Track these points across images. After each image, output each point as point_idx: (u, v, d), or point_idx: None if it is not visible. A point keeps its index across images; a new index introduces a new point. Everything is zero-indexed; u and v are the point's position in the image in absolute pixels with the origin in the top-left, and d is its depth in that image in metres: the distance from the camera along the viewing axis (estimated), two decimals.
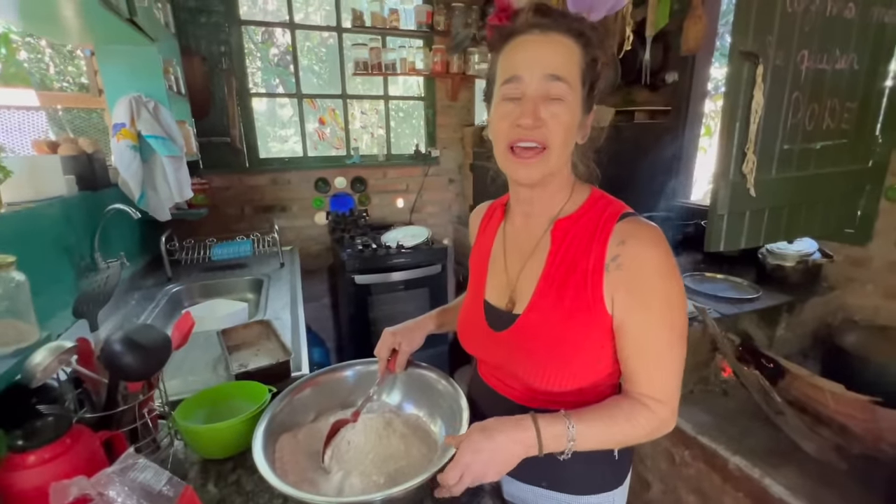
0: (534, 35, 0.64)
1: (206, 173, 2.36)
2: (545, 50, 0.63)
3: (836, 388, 1.17)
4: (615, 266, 0.64)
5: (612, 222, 0.66)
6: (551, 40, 0.63)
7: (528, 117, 0.62)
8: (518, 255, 0.76)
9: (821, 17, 1.18)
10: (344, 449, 0.75)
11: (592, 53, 0.65)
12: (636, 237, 0.64)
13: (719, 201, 1.18)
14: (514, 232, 0.79)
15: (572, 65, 0.63)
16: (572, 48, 0.63)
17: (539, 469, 0.74)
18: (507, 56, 0.66)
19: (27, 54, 2.97)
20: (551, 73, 0.62)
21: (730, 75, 1.12)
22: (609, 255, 0.64)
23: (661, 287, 0.63)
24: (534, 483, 0.78)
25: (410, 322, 0.91)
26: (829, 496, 1.00)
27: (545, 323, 0.68)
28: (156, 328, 0.78)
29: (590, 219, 0.69)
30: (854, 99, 1.33)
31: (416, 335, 0.88)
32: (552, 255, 0.70)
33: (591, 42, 0.65)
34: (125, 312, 1.48)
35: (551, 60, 0.62)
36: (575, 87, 0.63)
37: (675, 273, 0.64)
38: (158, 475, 0.58)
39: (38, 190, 1.17)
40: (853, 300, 1.57)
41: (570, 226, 0.70)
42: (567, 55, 0.63)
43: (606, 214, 0.67)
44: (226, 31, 2.35)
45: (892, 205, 1.46)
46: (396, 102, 3.44)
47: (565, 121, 0.63)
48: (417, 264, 2.47)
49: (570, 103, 0.63)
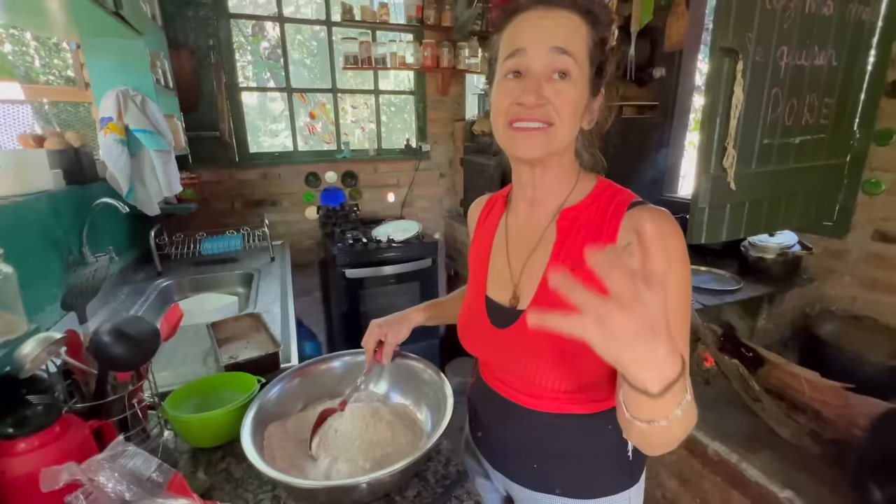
0: (539, 10, 0.61)
1: (196, 168, 2.35)
2: (551, 23, 0.60)
3: (811, 375, 1.21)
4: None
5: (621, 211, 0.63)
6: (558, 15, 0.60)
7: (530, 94, 0.59)
8: (522, 247, 0.72)
9: (800, 15, 1.21)
10: (331, 436, 0.77)
11: (601, 33, 0.62)
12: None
13: (700, 195, 1.20)
14: (517, 223, 0.75)
15: (580, 41, 0.60)
16: (580, 24, 0.60)
17: (552, 476, 0.73)
18: (510, 31, 0.63)
19: (11, 46, 2.92)
20: (557, 45, 0.59)
21: (710, 71, 1.14)
22: (621, 245, 0.61)
23: (677, 275, 0.58)
24: (547, 491, 0.74)
25: (397, 314, 0.91)
26: (803, 479, 1.04)
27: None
28: (144, 319, 0.79)
29: (598, 208, 0.65)
30: (832, 94, 1.37)
31: (403, 327, 0.89)
32: (558, 246, 0.67)
33: (599, 20, 0.61)
34: (115, 306, 1.48)
35: (557, 33, 0.59)
36: (582, 63, 0.60)
37: (688, 260, 0.61)
38: (148, 462, 0.59)
39: (24, 184, 1.16)
40: (831, 291, 1.62)
41: (576, 215, 0.66)
42: (574, 30, 0.60)
43: (615, 203, 0.64)
44: (214, 24, 2.34)
45: (870, 198, 1.50)
46: (387, 97, 3.43)
47: (571, 97, 0.60)
48: (408, 258, 2.48)
49: (576, 80, 0.60)
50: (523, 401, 0.72)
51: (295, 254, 2.59)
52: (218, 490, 0.73)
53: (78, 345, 0.76)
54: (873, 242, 1.50)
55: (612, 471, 0.73)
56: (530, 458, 0.75)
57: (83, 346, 0.77)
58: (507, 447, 0.78)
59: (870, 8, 1.35)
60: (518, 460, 0.77)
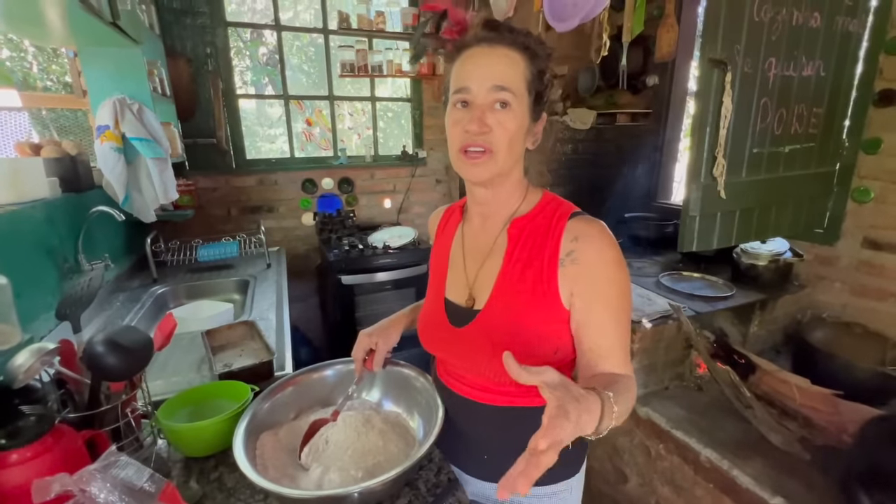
0: (482, 48, 0.69)
1: (192, 175, 2.36)
2: (491, 62, 0.68)
3: (801, 382, 1.22)
4: (570, 261, 0.69)
5: (563, 220, 0.71)
6: (497, 53, 0.68)
7: (474, 123, 0.67)
8: (476, 254, 0.80)
9: (787, 27, 1.23)
10: (322, 446, 0.78)
11: (539, 66, 0.70)
12: (588, 234, 0.69)
13: (691, 203, 1.22)
14: (472, 233, 0.83)
15: (517, 75, 0.68)
16: (518, 60, 0.68)
17: (501, 466, 0.75)
18: (458, 67, 0.71)
19: (9, 52, 2.93)
20: (496, 83, 0.67)
21: (700, 82, 1.16)
22: (563, 251, 0.69)
23: (617, 277, 0.68)
24: (496, 480, 0.76)
25: (385, 321, 0.94)
26: (793, 485, 1.05)
27: (505, 316, 0.72)
28: (138, 329, 0.80)
29: (543, 218, 0.74)
30: (821, 104, 1.39)
31: (392, 333, 0.91)
32: (509, 252, 0.75)
33: (537, 55, 0.70)
34: (110, 314, 1.49)
35: (496, 71, 0.67)
36: (520, 95, 0.68)
37: (624, 263, 0.70)
38: (140, 472, 0.60)
39: (20, 192, 1.17)
40: (822, 297, 1.63)
41: (525, 224, 0.75)
42: (512, 66, 0.68)
43: (558, 213, 0.73)
44: (212, 32, 2.35)
45: (859, 206, 1.52)
46: (384, 104, 3.45)
47: (510, 127, 0.68)
48: (404, 264, 2.49)
49: (515, 110, 0.68)
50: (476, 396, 0.79)
51: (291, 260, 2.60)
52: (210, 499, 0.74)
53: (72, 354, 0.77)
54: (863, 250, 1.52)
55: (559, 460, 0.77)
56: (481, 450, 0.83)
57: (77, 355, 0.77)
58: (459, 440, 0.84)
59: (856, 20, 1.37)
60: (469, 453, 0.84)
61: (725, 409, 1.32)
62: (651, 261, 1.98)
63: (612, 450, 1.50)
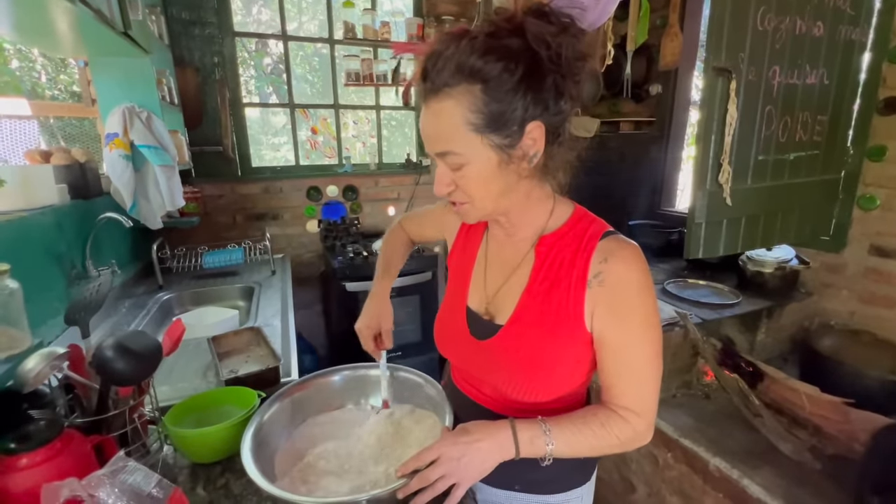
0: (428, 101, 0.61)
1: (199, 182, 2.37)
2: (427, 123, 0.62)
3: (811, 390, 1.21)
4: (597, 282, 0.65)
5: (594, 240, 0.67)
6: (431, 110, 0.61)
7: (440, 186, 0.65)
8: (501, 266, 0.77)
9: (791, 35, 1.24)
10: (333, 451, 0.77)
11: (506, 84, 0.56)
12: (618, 256, 0.65)
13: (697, 210, 1.22)
14: (497, 244, 0.79)
15: (452, 128, 0.59)
16: (450, 107, 0.58)
17: (513, 473, 0.75)
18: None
19: (18, 62, 2.97)
20: (437, 151, 0.62)
21: (705, 90, 1.17)
22: (592, 272, 0.66)
23: (640, 304, 0.65)
24: (507, 487, 0.80)
25: (369, 304, 0.93)
26: (804, 495, 1.03)
27: (527, 336, 0.70)
28: (147, 334, 0.80)
29: (574, 236, 0.70)
30: (825, 112, 1.39)
31: (384, 309, 0.92)
32: (535, 270, 0.71)
33: (489, 76, 0.56)
34: (116, 320, 1.49)
35: (431, 135, 0.62)
36: (471, 145, 0.59)
37: (653, 291, 0.67)
38: (148, 477, 0.59)
39: (30, 199, 1.18)
40: (829, 305, 1.62)
41: (554, 242, 0.71)
42: (445, 119, 0.59)
43: (590, 232, 0.68)
44: (219, 42, 2.38)
45: (865, 213, 1.52)
46: (388, 112, 3.47)
47: (473, 179, 0.62)
48: (408, 272, 2.49)
49: (472, 163, 0.61)
50: (491, 404, 0.78)
51: (296, 267, 2.60)
52: None
53: (80, 359, 0.77)
54: (870, 257, 1.51)
55: (567, 469, 0.78)
56: None
57: (85, 360, 0.77)
58: None
59: (859, 29, 1.38)
60: None
61: (734, 417, 1.30)
62: (656, 268, 1.98)
63: (620, 459, 1.49)
